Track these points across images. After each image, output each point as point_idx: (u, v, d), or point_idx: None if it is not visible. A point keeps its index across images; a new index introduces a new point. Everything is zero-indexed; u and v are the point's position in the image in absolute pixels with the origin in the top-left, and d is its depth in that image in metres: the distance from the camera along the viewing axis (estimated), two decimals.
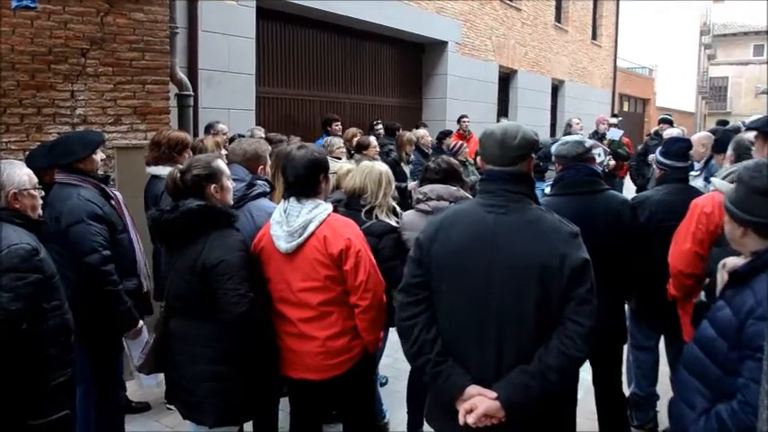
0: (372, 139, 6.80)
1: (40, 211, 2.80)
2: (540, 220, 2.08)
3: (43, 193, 2.85)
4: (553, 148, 3.54)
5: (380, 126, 8.94)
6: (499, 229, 2.05)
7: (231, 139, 5.16)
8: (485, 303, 2.04)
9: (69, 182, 3.32)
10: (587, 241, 2.09)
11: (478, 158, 2.29)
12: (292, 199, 2.73)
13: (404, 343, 2.19)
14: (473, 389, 2.02)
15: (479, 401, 1.99)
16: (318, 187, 2.76)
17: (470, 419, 1.97)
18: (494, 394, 1.99)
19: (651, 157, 7.79)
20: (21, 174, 2.67)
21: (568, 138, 3.74)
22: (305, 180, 2.72)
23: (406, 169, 7.53)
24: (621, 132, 9.45)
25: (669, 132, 7.44)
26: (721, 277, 1.99)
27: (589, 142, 3.58)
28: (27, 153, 4.07)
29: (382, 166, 3.55)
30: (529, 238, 2.03)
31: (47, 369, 2.61)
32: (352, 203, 3.40)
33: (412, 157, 7.77)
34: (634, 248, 3.24)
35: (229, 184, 2.84)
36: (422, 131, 8.47)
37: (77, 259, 3.19)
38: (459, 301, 2.09)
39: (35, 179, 2.75)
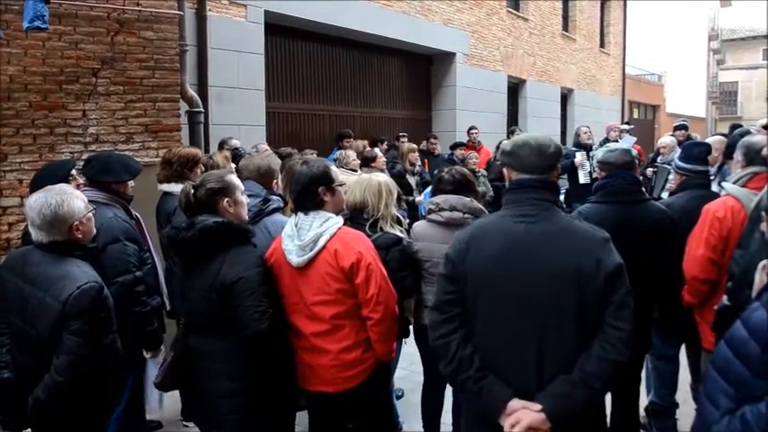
0: (377, 150, 6.78)
1: (94, 232, 2.76)
2: (572, 226, 2.09)
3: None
4: (599, 154, 3.48)
5: (406, 138, 8.99)
6: (532, 238, 2.04)
7: (234, 156, 5.12)
8: (524, 313, 2.02)
9: (97, 199, 3.24)
10: (624, 249, 2.09)
11: (505, 169, 2.26)
12: (301, 212, 2.75)
13: (440, 361, 2.15)
14: (516, 402, 2.00)
15: (524, 415, 1.97)
16: (318, 200, 2.75)
17: None
18: (538, 407, 1.97)
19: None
20: (78, 202, 2.60)
21: (616, 145, 3.63)
22: (303, 193, 2.75)
23: (412, 181, 7.43)
24: (635, 140, 9.35)
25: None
26: (760, 278, 1.95)
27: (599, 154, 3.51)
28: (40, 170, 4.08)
29: (380, 177, 3.49)
30: (562, 244, 2.03)
31: (106, 406, 2.66)
32: (355, 218, 3.34)
33: (417, 167, 7.70)
34: (669, 260, 3.18)
35: (243, 198, 2.83)
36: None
37: (109, 278, 3.11)
38: (497, 312, 2.06)
39: (86, 200, 2.69)
